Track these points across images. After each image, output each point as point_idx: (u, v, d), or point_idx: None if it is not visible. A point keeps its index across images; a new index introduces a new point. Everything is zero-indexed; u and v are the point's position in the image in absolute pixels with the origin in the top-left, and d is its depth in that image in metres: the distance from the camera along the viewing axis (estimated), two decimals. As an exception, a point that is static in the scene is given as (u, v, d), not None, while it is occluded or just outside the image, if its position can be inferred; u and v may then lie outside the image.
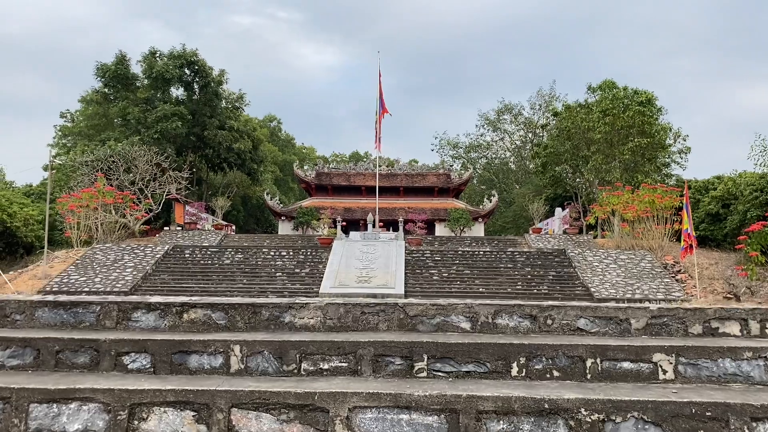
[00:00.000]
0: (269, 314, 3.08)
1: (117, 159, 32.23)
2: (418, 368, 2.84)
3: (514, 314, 3.08)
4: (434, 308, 2.96)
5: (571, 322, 2.98)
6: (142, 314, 3.12)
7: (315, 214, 42.80)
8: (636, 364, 2.96)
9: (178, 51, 39.97)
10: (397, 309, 3.06)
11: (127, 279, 21.95)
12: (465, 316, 2.98)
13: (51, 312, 3.12)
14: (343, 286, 21.36)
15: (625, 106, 34.21)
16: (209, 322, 3.13)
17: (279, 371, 2.88)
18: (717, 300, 19.44)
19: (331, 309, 3.03)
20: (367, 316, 3.05)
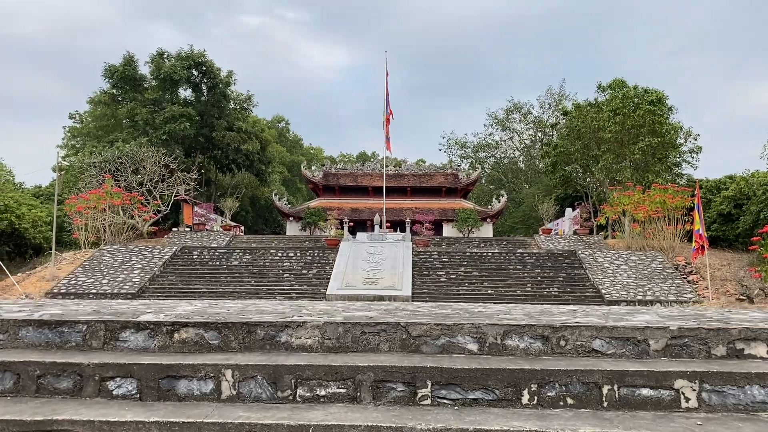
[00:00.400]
0: (265, 333, 2.88)
1: (125, 160, 32.20)
2: (422, 395, 2.65)
3: (525, 335, 2.85)
4: (439, 328, 2.74)
5: (586, 343, 2.76)
6: (130, 334, 2.92)
7: (322, 215, 42.63)
8: (656, 390, 2.74)
9: (186, 52, 39.93)
10: (399, 329, 2.83)
11: (135, 281, 21.91)
12: (472, 336, 2.76)
13: (35, 331, 2.94)
14: (350, 287, 21.24)
15: (635, 105, 33.84)
16: (201, 342, 2.92)
17: (273, 398, 2.69)
18: (729, 302, 19.10)
19: (330, 328, 2.82)
20: (368, 336, 2.84)
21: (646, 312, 6.42)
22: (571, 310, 6.93)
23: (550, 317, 5.44)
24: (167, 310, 5.04)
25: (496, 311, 6.31)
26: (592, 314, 6.06)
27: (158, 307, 5.81)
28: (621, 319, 4.92)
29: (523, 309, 7.26)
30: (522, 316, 5.38)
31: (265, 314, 4.53)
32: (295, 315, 3.75)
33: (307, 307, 6.91)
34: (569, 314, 6.28)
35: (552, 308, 8.14)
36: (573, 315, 6.00)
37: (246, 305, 6.97)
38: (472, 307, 8.30)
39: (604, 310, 7.43)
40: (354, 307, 6.72)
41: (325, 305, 6.66)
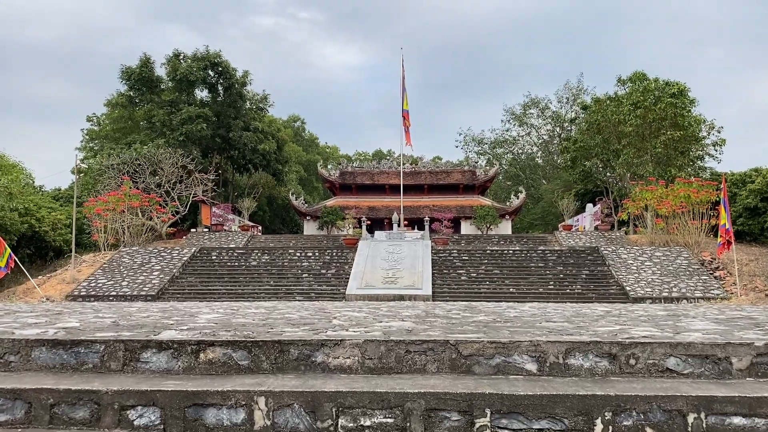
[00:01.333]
0: (299, 353, 2.58)
1: (143, 162, 32.20)
2: (480, 426, 2.35)
3: (590, 353, 2.52)
4: (493, 346, 2.43)
5: (659, 362, 2.44)
6: (152, 354, 2.65)
7: (339, 214, 42.41)
8: (749, 419, 2.40)
9: (202, 53, 39.86)
10: (448, 347, 2.53)
11: (154, 282, 21.84)
12: (530, 355, 2.45)
13: (49, 352, 2.68)
14: (369, 287, 20.99)
15: (656, 98, 33.15)
16: (230, 363, 2.63)
17: (312, 428, 2.39)
18: (759, 298, 18.59)
19: (371, 347, 2.52)
20: (413, 355, 2.54)
21: (694, 314, 6.07)
22: (606, 311, 6.57)
23: (591, 321, 5.10)
24: (189, 321, 4.78)
25: (530, 314, 5.97)
26: (638, 322, 5.71)
27: (179, 315, 5.56)
28: (677, 327, 4.57)
29: (556, 310, 6.92)
30: (562, 321, 5.03)
31: (293, 324, 4.25)
32: (328, 329, 3.45)
33: (333, 314, 6.63)
34: (608, 319, 5.93)
35: (584, 308, 7.79)
36: (615, 321, 5.65)
37: (269, 311, 6.70)
38: (501, 308, 7.97)
39: (640, 312, 7.07)
40: (381, 312, 6.43)
41: (354, 312, 6.39)
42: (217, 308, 8.03)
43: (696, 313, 7.07)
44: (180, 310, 7.02)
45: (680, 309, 8.66)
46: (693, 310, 8.38)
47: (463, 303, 14.25)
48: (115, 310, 7.46)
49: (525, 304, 15.38)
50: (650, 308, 9.53)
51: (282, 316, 5.49)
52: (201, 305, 9.97)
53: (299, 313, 6.09)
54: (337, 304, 11.70)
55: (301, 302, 15.08)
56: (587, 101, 46.04)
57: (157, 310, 6.99)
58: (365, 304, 10.07)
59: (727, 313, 7.17)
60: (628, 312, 7.12)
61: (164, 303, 15.98)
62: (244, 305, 10.96)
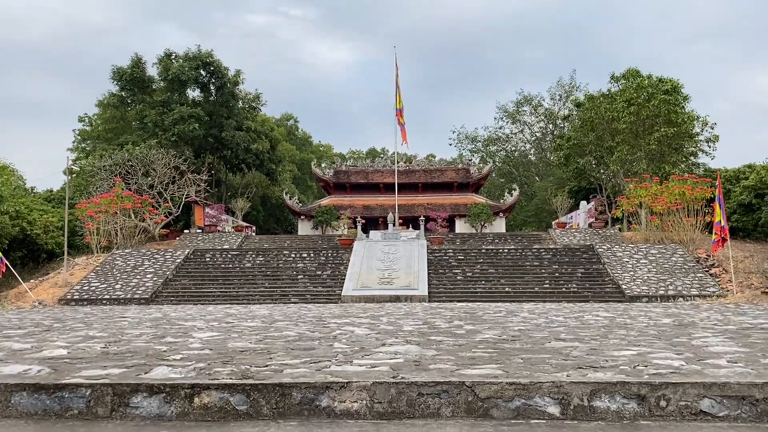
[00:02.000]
0: (302, 397, 2.37)
1: (135, 163, 31.86)
2: (502, 479, 2.17)
3: (617, 394, 2.32)
4: (512, 388, 2.23)
5: (692, 404, 2.24)
6: (143, 399, 2.43)
7: (334, 213, 42.18)
8: (792, 466, 2.23)
9: (194, 52, 39.51)
10: (463, 389, 2.33)
11: (148, 285, 21.61)
12: (552, 397, 2.25)
13: (31, 397, 2.45)
14: (365, 288, 20.84)
15: (649, 94, 33.09)
16: (227, 408, 2.41)
17: (318, 483, 2.21)
18: (755, 295, 18.52)
19: (380, 390, 2.32)
20: (426, 398, 2.33)
21: (702, 324, 5.91)
22: (609, 319, 6.39)
23: (601, 339, 4.90)
24: (182, 343, 4.57)
25: (535, 324, 5.78)
26: (650, 340, 5.52)
27: (173, 334, 5.34)
28: (694, 347, 4.38)
29: (557, 315, 6.74)
30: (573, 340, 4.84)
31: (292, 350, 4.03)
32: (332, 360, 3.21)
33: (334, 330, 6.42)
34: (616, 333, 5.74)
35: (585, 313, 7.61)
36: (625, 338, 5.46)
37: (266, 325, 6.48)
38: (501, 314, 7.79)
39: (642, 318, 6.89)
40: (381, 325, 6.24)
41: (354, 325, 6.20)
42: (211, 320, 7.81)
43: (701, 319, 6.90)
44: (174, 325, 6.79)
45: (682, 312, 8.52)
46: (696, 314, 8.22)
47: (461, 305, 14.10)
48: (107, 324, 7.23)
49: (523, 304, 15.24)
50: (651, 310, 9.36)
51: (280, 333, 5.28)
52: (195, 314, 9.76)
53: (298, 328, 5.88)
54: (333, 309, 11.51)
55: (297, 307, 14.87)
56: (580, 98, 45.96)
57: (149, 325, 6.77)
58: (363, 310, 9.88)
59: (732, 319, 7.01)
60: (632, 320, 6.94)
61: (158, 308, 15.73)
62: (239, 313, 10.74)
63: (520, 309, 11.55)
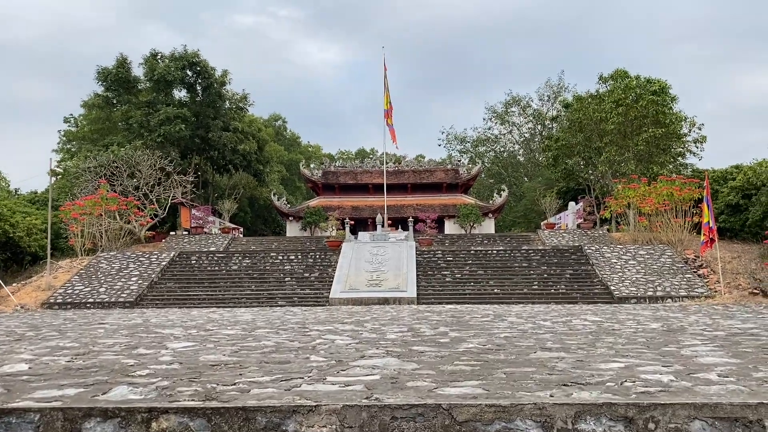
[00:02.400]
0: (267, 421, 2.23)
1: (120, 164, 31.56)
2: None
3: (603, 416, 2.20)
4: (492, 410, 2.11)
5: (682, 426, 2.12)
6: (96, 424, 2.27)
7: (323, 214, 42.04)
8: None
9: (180, 52, 39.17)
10: (440, 413, 2.20)
11: (132, 288, 21.38)
12: (535, 420, 2.13)
13: (-24, 424, 2.32)
14: (353, 290, 20.72)
15: (637, 95, 33.22)
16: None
17: None
18: (742, 296, 18.58)
19: (351, 414, 2.18)
20: (400, 422, 2.19)
21: (690, 329, 5.84)
22: (597, 324, 6.32)
23: (588, 347, 4.82)
24: (153, 355, 4.41)
25: (521, 330, 5.69)
26: (639, 349, 5.45)
27: (147, 343, 5.20)
28: (683, 358, 4.31)
29: (545, 320, 6.66)
30: (559, 350, 4.77)
31: (265, 363, 3.91)
32: (304, 377, 3.07)
33: (314, 339, 6.31)
34: (604, 341, 5.67)
35: (573, 318, 7.55)
36: (612, 346, 5.38)
37: (245, 333, 6.35)
38: (489, 319, 7.71)
39: (631, 323, 6.83)
40: (365, 333, 6.13)
41: (336, 333, 6.09)
42: (191, 327, 7.67)
43: (690, 323, 6.82)
44: (150, 333, 6.64)
45: (671, 315, 8.43)
46: (684, 317, 8.15)
47: (450, 307, 14.02)
48: (82, 332, 7.07)
49: (511, 307, 15.17)
50: (640, 313, 9.29)
51: (257, 343, 5.15)
52: (176, 320, 9.60)
53: (277, 337, 5.75)
54: (319, 314, 11.38)
55: (283, 311, 14.72)
56: (569, 99, 46.06)
57: (125, 333, 6.61)
58: (350, 314, 9.76)
59: (720, 323, 6.94)
60: (620, 325, 6.87)
61: (142, 312, 15.55)
62: (222, 318, 10.60)
63: (508, 312, 11.48)
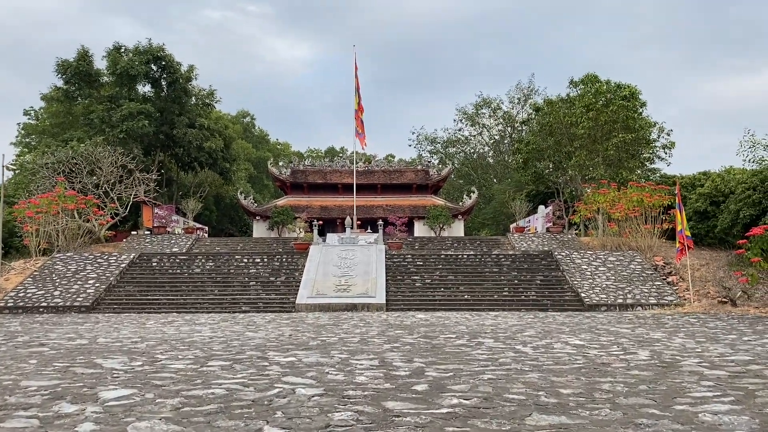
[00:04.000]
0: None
1: (79, 161, 30.36)
2: None
3: None
4: None
5: None
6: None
7: (291, 214, 41.32)
8: None
9: (144, 46, 37.96)
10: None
11: (89, 292, 20.45)
12: None
13: None
14: (320, 295, 20.17)
15: (607, 100, 33.31)
16: None
17: None
18: (711, 305, 18.51)
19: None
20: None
21: (678, 351, 5.41)
22: (578, 347, 5.90)
23: (575, 379, 4.37)
24: (89, 391, 3.79)
25: (503, 362, 5.22)
26: (629, 382, 5.02)
27: (71, 398, 4.56)
28: (681, 406, 3.84)
29: (522, 332, 6.22)
30: (548, 393, 4.29)
31: (220, 401, 3.34)
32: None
33: (275, 370, 5.75)
34: (587, 369, 5.25)
35: (549, 335, 7.15)
36: (600, 380, 4.95)
37: (195, 371, 5.73)
38: (463, 339, 7.25)
39: (613, 346, 6.43)
40: (334, 358, 5.54)
41: (302, 350, 5.53)
42: (138, 354, 6.98)
43: (680, 351, 6.35)
44: (89, 365, 5.92)
45: (652, 336, 7.95)
46: (668, 338, 7.72)
47: (420, 317, 13.55)
48: (9, 363, 6.35)
49: (483, 316, 14.72)
50: (619, 331, 8.83)
51: (206, 391, 4.52)
52: (125, 340, 8.87)
53: (231, 378, 5.12)
54: (284, 329, 10.77)
55: (245, 322, 14.07)
56: (539, 102, 46.15)
57: (59, 367, 5.87)
58: (316, 331, 9.15)
59: (710, 351, 6.52)
60: (607, 355, 6.43)
61: (95, 321, 14.70)
62: (178, 336, 9.94)
63: (482, 327, 11.02)
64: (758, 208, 21.48)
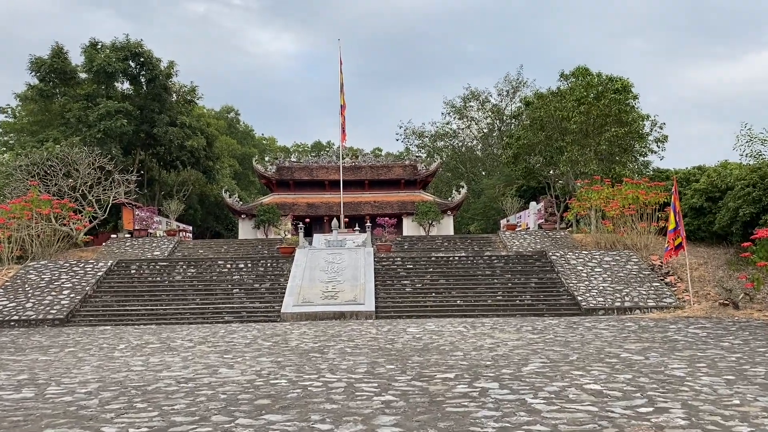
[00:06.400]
0: None
1: (55, 162, 29.15)
2: None
3: None
4: None
5: None
6: None
7: (277, 212, 40.35)
8: None
9: (121, 42, 36.62)
10: None
11: (64, 303, 19.43)
12: None
13: None
14: (307, 303, 19.29)
15: (599, 93, 32.53)
16: None
17: None
18: (712, 308, 17.81)
19: None
20: None
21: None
22: (581, 359, 5.10)
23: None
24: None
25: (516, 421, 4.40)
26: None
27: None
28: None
29: (515, 348, 5.40)
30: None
31: None
32: None
33: (243, 404, 4.88)
34: (600, 400, 4.44)
35: (546, 346, 6.32)
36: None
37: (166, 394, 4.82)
38: (456, 356, 6.41)
39: (627, 371, 5.64)
40: (312, 388, 4.65)
41: (279, 376, 4.70)
42: (102, 387, 6.10)
43: (703, 392, 5.45)
44: (32, 414, 5.06)
45: (665, 357, 7.05)
46: (691, 373, 6.85)
47: (412, 332, 12.69)
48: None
49: (477, 324, 13.85)
50: (622, 346, 7.90)
51: (183, 414, 3.64)
52: (89, 371, 7.93)
53: (218, 400, 4.25)
54: (264, 342, 9.87)
55: (224, 342, 13.14)
56: (528, 95, 45.37)
57: (9, 403, 5.04)
58: (298, 359, 8.27)
59: (733, 384, 5.68)
60: (623, 395, 5.63)
61: (66, 337, 13.69)
62: (146, 370, 9.04)
63: (480, 351, 10.19)
64: (758, 206, 20.81)
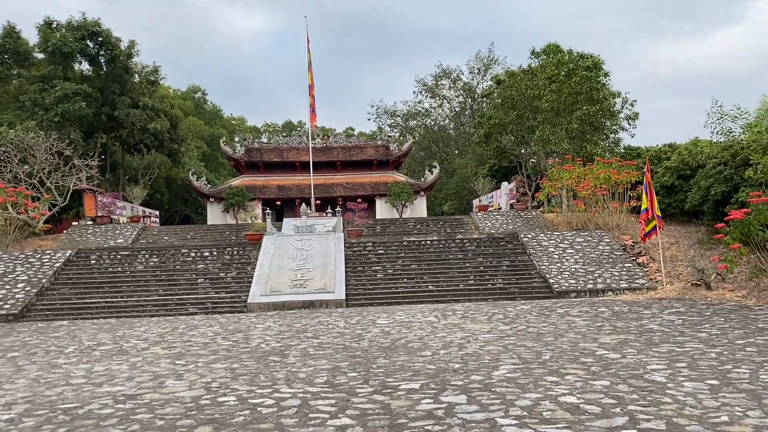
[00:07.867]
0: None
1: (9, 148, 27.90)
2: None
3: None
4: None
5: None
6: None
7: (246, 195, 39.48)
8: None
9: (78, 21, 35.10)
10: None
11: (18, 297, 18.57)
12: None
13: None
14: (275, 292, 18.72)
15: (570, 70, 32.13)
16: None
17: None
18: (685, 288, 17.67)
19: None
20: None
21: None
22: (554, 357, 4.65)
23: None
24: None
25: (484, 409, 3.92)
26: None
27: None
28: None
29: (489, 343, 4.92)
30: None
31: None
32: None
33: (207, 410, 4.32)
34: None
35: (519, 336, 5.89)
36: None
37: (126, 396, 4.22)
38: (429, 351, 5.95)
39: (604, 377, 5.22)
40: (274, 399, 4.04)
41: (243, 386, 4.13)
42: (52, 413, 5.47)
43: (689, 404, 5.03)
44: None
45: (642, 354, 6.65)
46: (672, 376, 6.45)
47: (382, 324, 12.21)
48: None
49: (449, 312, 13.42)
50: (598, 340, 7.49)
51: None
52: (23, 386, 7.27)
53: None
54: (218, 365, 9.32)
55: (181, 342, 12.51)
56: (500, 73, 44.88)
57: None
58: (256, 363, 7.72)
59: (717, 390, 5.28)
60: (602, 413, 5.21)
61: (17, 336, 12.92)
62: (86, 383, 8.42)
63: (449, 347, 9.77)
64: (729, 184, 20.68)
